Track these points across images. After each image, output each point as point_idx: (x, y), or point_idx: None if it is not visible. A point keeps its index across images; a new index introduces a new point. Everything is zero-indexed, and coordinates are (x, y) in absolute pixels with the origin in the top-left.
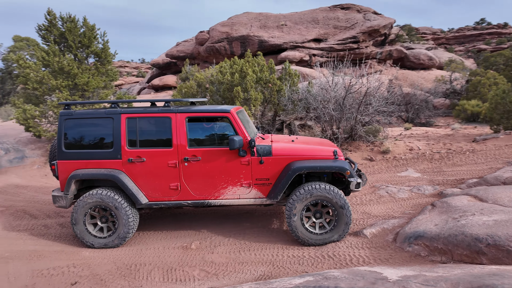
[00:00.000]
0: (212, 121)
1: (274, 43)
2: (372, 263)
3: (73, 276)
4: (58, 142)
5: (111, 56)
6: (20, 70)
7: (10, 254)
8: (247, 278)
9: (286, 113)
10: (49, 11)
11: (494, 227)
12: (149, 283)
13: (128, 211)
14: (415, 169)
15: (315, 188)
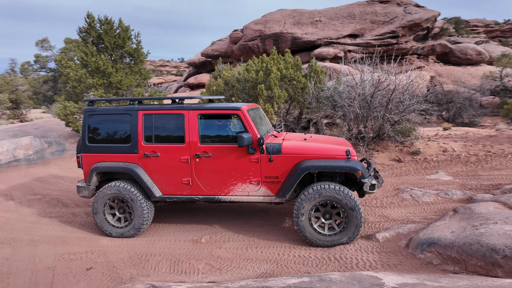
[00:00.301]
0: (223, 118)
1: (308, 39)
2: (379, 268)
3: (89, 262)
4: (82, 136)
5: (143, 55)
6: (62, 69)
7: (39, 238)
8: (249, 275)
9: (312, 111)
10: (88, 14)
11: None
12: (156, 273)
13: (143, 203)
14: (446, 172)
15: (324, 188)
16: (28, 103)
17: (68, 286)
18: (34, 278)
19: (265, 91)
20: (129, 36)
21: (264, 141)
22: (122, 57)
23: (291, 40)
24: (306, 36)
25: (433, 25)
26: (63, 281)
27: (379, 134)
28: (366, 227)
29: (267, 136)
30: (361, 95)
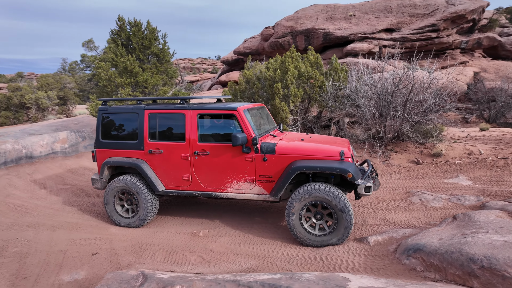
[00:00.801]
0: (221, 118)
1: (340, 35)
2: (360, 271)
3: (96, 248)
4: (97, 133)
5: (169, 55)
6: (95, 69)
7: (58, 224)
8: (234, 269)
9: (332, 110)
10: (119, 17)
11: (498, 249)
12: (151, 262)
13: (147, 196)
14: (467, 176)
15: (314, 189)
16: (74, 99)
17: (74, 268)
18: (47, 259)
19: (281, 90)
20: (155, 37)
21: (257, 141)
22: (148, 57)
23: (323, 36)
24: (339, 31)
25: (480, 17)
26: (70, 263)
27: (398, 134)
28: (363, 230)
29: (266, 135)
30: (378, 94)
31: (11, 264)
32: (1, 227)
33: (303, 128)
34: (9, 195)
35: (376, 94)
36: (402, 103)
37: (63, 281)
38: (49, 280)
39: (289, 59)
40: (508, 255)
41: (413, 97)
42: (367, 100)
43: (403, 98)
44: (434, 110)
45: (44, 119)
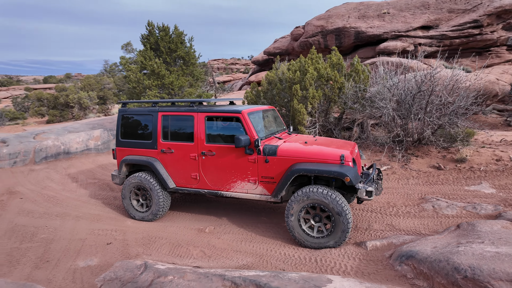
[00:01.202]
0: (227, 120)
1: (373, 33)
2: (351, 274)
3: (111, 238)
4: (117, 132)
5: (195, 58)
6: (126, 72)
7: (82, 215)
8: (230, 265)
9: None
10: (149, 22)
11: (486, 260)
12: (157, 253)
13: (159, 192)
14: (491, 184)
15: (312, 191)
16: (112, 99)
17: (89, 255)
18: (68, 246)
19: (299, 91)
20: (182, 41)
21: (260, 143)
22: (175, 60)
23: (354, 35)
24: (371, 29)
25: None
26: (87, 251)
27: (419, 138)
28: (366, 234)
29: (271, 138)
30: (398, 96)
31: (38, 248)
32: (34, 215)
33: (323, 130)
34: (46, 187)
35: (396, 96)
36: (423, 105)
37: (78, 266)
38: (67, 264)
39: (309, 60)
40: (494, 267)
41: (434, 99)
42: (386, 103)
43: (424, 101)
44: (460, 113)
45: (85, 117)
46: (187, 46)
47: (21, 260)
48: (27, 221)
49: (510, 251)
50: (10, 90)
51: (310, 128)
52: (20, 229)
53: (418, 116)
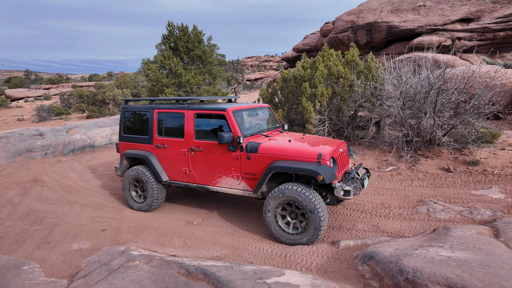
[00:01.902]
0: (214, 117)
1: (406, 28)
2: (312, 271)
3: (107, 225)
4: (120, 128)
5: (212, 57)
6: (146, 70)
7: (89, 203)
8: (204, 255)
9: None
10: (169, 23)
11: (432, 263)
12: (143, 241)
13: (153, 185)
14: (502, 189)
15: (287, 189)
16: (145, 96)
17: (84, 239)
18: (69, 230)
19: (308, 89)
20: (200, 40)
21: (242, 140)
22: (193, 59)
23: (386, 30)
24: (405, 24)
25: None
26: (84, 236)
27: (430, 139)
28: (347, 234)
29: (258, 135)
30: (406, 93)
31: (43, 231)
32: (49, 201)
33: (333, 129)
34: (66, 176)
35: (404, 94)
36: (433, 104)
37: (72, 248)
38: (63, 246)
39: (320, 58)
40: (436, 271)
41: (440, 99)
42: (393, 101)
43: (432, 100)
44: (475, 113)
45: (119, 113)
46: (205, 45)
47: (27, 241)
48: (41, 207)
49: (462, 256)
50: (59, 88)
51: (318, 126)
52: (34, 213)
53: (426, 115)
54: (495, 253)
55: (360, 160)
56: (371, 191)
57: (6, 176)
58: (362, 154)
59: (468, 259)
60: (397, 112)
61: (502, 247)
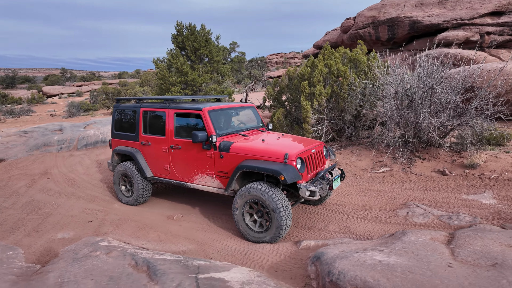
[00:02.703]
0: (192, 117)
1: (430, 23)
2: (264, 268)
3: (94, 217)
4: (112, 125)
5: (219, 56)
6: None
7: (84, 196)
8: (172, 249)
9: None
10: (177, 23)
11: (360, 267)
12: (121, 233)
13: (139, 180)
14: (495, 194)
15: (253, 188)
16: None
17: (69, 229)
18: (59, 220)
19: (307, 88)
20: (207, 39)
21: (215, 139)
22: (200, 58)
23: (409, 25)
24: (429, 19)
25: None
26: (71, 226)
27: (427, 140)
28: (316, 234)
29: (235, 135)
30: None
31: (37, 220)
32: (50, 193)
33: (334, 129)
34: (73, 170)
35: (399, 94)
36: (428, 105)
37: (56, 237)
38: (49, 235)
39: (320, 56)
40: (358, 274)
41: (434, 99)
42: (387, 100)
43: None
44: (474, 114)
45: None
46: (212, 45)
47: (21, 228)
48: (42, 198)
49: (393, 261)
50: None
51: (317, 125)
52: (34, 203)
53: (421, 116)
54: (428, 259)
55: (356, 160)
56: (358, 192)
57: (21, 168)
58: (359, 154)
59: (396, 264)
60: (390, 112)
61: (444, 254)
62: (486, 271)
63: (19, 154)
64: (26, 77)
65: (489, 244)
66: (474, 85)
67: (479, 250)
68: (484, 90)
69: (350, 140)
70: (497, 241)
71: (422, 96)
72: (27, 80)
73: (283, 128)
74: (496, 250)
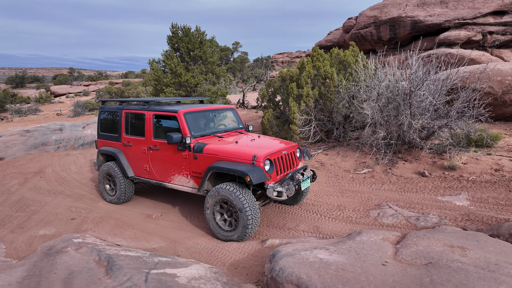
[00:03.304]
0: (169, 119)
1: (432, 22)
2: (224, 265)
3: (77, 215)
4: (97, 126)
5: (213, 58)
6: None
7: (72, 194)
8: (144, 246)
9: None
10: (172, 24)
11: (301, 264)
12: (100, 230)
13: (121, 180)
14: (470, 196)
15: (222, 188)
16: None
17: (52, 226)
18: (44, 218)
19: (295, 89)
20: (201, 41)
21: (189, 141)
22: (194, 59)
23: (411, 25)
24: (431, 18)
25: None
26: (54, 223)
27: (409, 141)
28: (286, 233)
29: (211, 136)
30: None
31: (23, 217)
32: (40, 191)
33: (323, 129)
34: (66, 169)
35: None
36: (407, 106)
37: (38, 234)
38: (32, 232)
39: (309, 58)
40: (295, 271)
41: (412, 101)
42: (369, 102)
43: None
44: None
45: None
46: (207, 46)
47: (6, 225)
48: (32, 196)
49: (333, 259)
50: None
51: (304, 127)
52: (23, 201)
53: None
54: (366, 258)
55: (341, 161)
56: (336, 192)
57: (17, 167)
58: (345, 155)
59: (334, 262)
60: (371, 114)
61: (387, 253)
62: (416, 270)
63: (17, 153)
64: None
65: (433, 244)
66: (455, 87)
67: (421, 250)
68: (466, 91)
69: (339, 141)
70: (442, 241)
71: (404, 98)
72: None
73: (273, 129)
74: (437, 250)
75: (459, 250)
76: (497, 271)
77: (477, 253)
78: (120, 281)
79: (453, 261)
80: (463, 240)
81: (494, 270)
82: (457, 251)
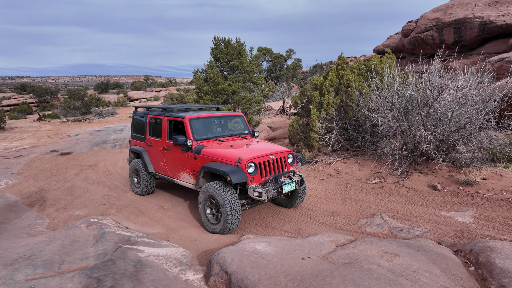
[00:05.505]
0: (179, 124)
1: (505, 23)
2: (199, 250)
3: (107, 201)
4: (131, 129)
5: (251, 67)
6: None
7: (110, 184)
8: (146, 231)
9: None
10: (215, 37)
11: (237, 252)
12: (119, 215)
13: (144, 175)
14: (476, 213)
15: (209, 186)
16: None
17: (85, 209)
18: (83, 202)
19: (317, 97)
20: (240, 51)
21: (189, 143)
22: (232, 69)
23: (479, 26)
24: (504, 18)
25: None
26: (89, 207)
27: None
28: (268, 231)
29: (212, 140)
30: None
31: (68, 200)
32: (88, 181)
33: (347, 138)
34: (114, 164)
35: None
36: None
37: (74, 214)
38: (70, 212)
39: (334, 67)
40: (224, 256)
41: (423, 112)
42: (382, 111)
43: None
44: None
45: None
46: (245, 56)
47: (56, 205)
48: (80, 184)
49: (264, 250)
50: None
51: (325, 134)
52: (73, 188)
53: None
54: (293, 253)
55: (357, 170)
56: (338, 200)
57: (79, 160)
58: (362, 164)
59: (262, 252)
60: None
61: (320, 252)
62: (328, 266)
63: (83, 149)
64: (117, 83)
65: (369, 249)
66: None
67: (354, 252)
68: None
69: (363, 150)
70: (382, 248)
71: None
72: (118, 86)
73: (298, 136)
74: (368, 254)
75: (389, 256)
76: (405, 276)
77: (404, 260)
78: (97, 249)
79: (371, 264)
80: (403, 248)
81: (404, 275)
82: (386, 257)
